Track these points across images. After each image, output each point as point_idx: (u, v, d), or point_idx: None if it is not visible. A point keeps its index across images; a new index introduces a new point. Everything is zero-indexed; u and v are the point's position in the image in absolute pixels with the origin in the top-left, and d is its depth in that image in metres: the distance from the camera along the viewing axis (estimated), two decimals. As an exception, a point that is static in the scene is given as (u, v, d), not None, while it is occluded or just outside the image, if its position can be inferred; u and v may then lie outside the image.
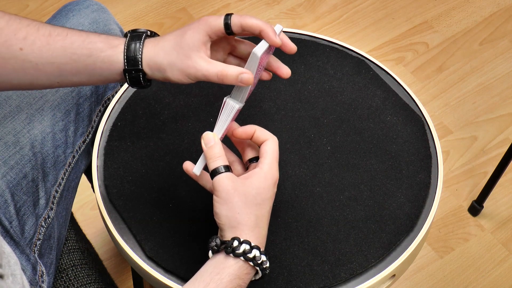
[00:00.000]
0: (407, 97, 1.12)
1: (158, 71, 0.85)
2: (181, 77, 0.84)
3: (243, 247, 0.79)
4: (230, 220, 0.80)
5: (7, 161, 0.95)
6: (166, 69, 0.84)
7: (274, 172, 0.83)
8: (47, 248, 0.99)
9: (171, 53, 0.84)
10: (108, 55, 0.85)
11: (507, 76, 1.92)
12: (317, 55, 1.16)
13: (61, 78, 0.87)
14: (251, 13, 2.05)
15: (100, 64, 0.86)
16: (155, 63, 0.85)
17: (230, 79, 0.83)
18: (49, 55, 0.85)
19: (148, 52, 0.85)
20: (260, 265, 0.80)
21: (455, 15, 2.05)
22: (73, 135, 1.04)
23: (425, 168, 1.03)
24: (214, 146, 0.83)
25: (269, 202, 0.82)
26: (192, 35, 0.83)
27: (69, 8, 1.08)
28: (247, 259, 0.79)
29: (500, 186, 1.69)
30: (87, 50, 0.85)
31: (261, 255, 0.80)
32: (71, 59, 0.86)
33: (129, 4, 2.06)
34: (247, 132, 0.85)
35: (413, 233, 0.98)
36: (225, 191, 0.80)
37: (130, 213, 0.98)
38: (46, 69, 0.86)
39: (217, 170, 0.81)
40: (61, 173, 1.02)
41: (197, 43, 0.83)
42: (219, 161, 0.82)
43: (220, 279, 0.79)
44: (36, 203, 0.98)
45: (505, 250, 1.62)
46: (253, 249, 0.79)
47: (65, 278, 1.03)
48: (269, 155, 0.83)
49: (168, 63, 0.84)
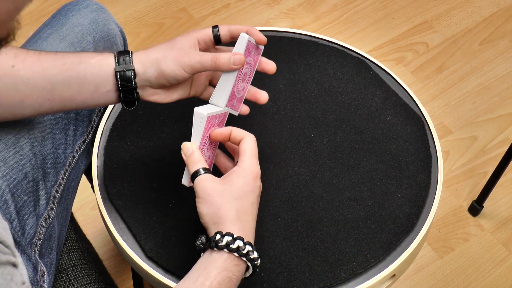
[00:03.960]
0: (407, 97, 1.12)
1: (152, 65, 0.88)
2: (175, 68, 0.87)
3: (225, 239, 0.80)
4: (211, 217, 0.82)
5: (7, 161, 0.95)
6: (161, 61, 0.87)
7: (253, 168, 0.84)
8: (48, 248, 0.99)
9: (164, 49, 0.88)
10: (98, 60, 0.88)
11: (507, 76, 1.92)
12: (317, 55, 1.16)
13: (52, 93, 0.88)
14: (251, 13, 2.05)
15: (90, 69, 0.88)
16: (148, 59, 0.88)
17: (223, 61, 0.86)
18: (40, 68, 0.87)
19: (138, 54, 0.89)
20: (247, 255, 0.81)
21: (455, 15, 2.05)
22: (73, 135, 1.04)
23: (425, 168, 1.03)
24: (193, 153, 0.86)
25: (250, 195, 0.83)
26: (183, 37, 0.89)
27: (68, 8, 1.08)
28: (231, 250, 0.80)
29: (500, 186, 1.69)
30: (78, 58, 0.88)
31: (246, 245, 0.80)
32: (62, 68, 0.88)
33: (129, 4, 2.06)
34: (222, 134, 0.88)
35: (413, 233, 0.98)
36: (204, 190, 0.82)
37: (130, 213, 0.98)
38: (37, 84, 0.87)
39: (196, 173, 0.84)
40: (61, 173, 1.02)
41: (188, 42, 0.88)
42: (198, 165, 0.85)
43: (207, 273, 0.79)
44: (37, 203, 0.98)
45: (505, 250, 1.62)
46: (236, 240, 0.80)
47: (65, 278, 1.03)
48: (246, 152, 0.85)
49: (162, 55, 0.87)
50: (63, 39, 1.04)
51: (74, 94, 0.89)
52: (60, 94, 0.89)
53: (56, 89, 0.88)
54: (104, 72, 0.88)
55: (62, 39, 1.04)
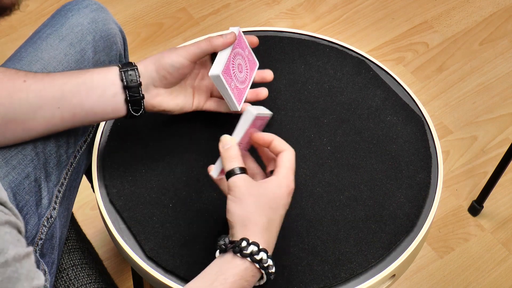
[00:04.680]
0: (407, 97, 1.12)
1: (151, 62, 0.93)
2: (174, 57, 0.93)
3: (251, 248, 0.79)
4: (242, 218, 0.81)
5: (9, 161, 0.95)
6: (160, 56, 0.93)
7: (289, 182, 0.84)
8: (49, 247, 0.99)
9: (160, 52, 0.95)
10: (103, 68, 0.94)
11: (507, 76, 1.92)
12: (317, 55, 1.16)
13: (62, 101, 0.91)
14: (251, 13, 2.05)
15: (96, 75, 0.93)
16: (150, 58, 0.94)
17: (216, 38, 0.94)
18: (50, 79, 0.92)
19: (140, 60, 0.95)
20: (266, 269, 0.81)
21: (455, 15, 2.05)
22: (74, 134, 1.04)
23: (425, 168, 1.03)
24: (231, 148, 0.85)
25: (282, 209, 0.83)
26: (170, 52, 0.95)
27: (68, 8, 1.08)
28: (254, 260, 0.79)
29: (500, 186, 1.69)
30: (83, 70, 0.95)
31: (268, 259, 0.80)
32: (69, 76, 0.92)
33: (129, 4, 2.06)
34: (264, 138, 0.87)
35: (413, 233, 0.98)
36: (240, 191, 0.82)
37: (130, 213, 0.98)
38: (48, 93, 0.91)
39: (233, 171, 0.83)
40: (63, 173, 1.02)
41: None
42: (235, 163, 0.84)
43: (224, 278, 0.79)
44: (39, 203, 0.98)
45: (505, 250, 1.62)
46: (261, 252, 0.80)
47: (65, 278, 1.03)
48: (285, 165, 0.84)
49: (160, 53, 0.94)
50: (62, 39, 1.04)
51: (83, 100, 0.92)
52: (69, 101, 0.92)
53: (65, 96, 0.91)
54: (109, 76, 0.93)
55: (62, 39, 1.04)
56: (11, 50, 1.08)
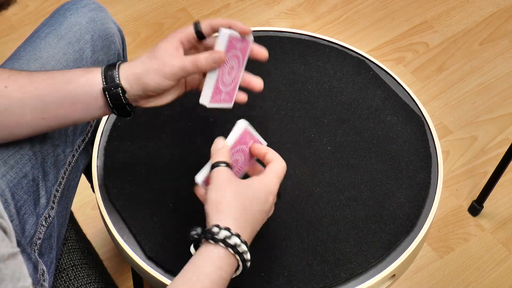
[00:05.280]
0: (407, 97, 1.12)
1: (136, 81, 0.87)
2: (158, 79, 0.86)
3: (223, 233, 0.78)
4: (216, 204, 0.81)
5: (7, 160, 0.95)
6: (143, 75, 0.87)
7: (272, 186, 0.84)
8: (47, 247, 0.99)
9: (145, 61, 0.87)
10: (86, 79, 0.88)
11: (507, 76, 1.92)
12: (317, 55, 1.16)
13: (46, 112, 0.89)
14: (251, 13, 2.05)
15: (80, 89, 0.88)
16: (133, 73, 0.87)
17: (203, 62, 0.86)
18: (32, 89, 0.88)
19: (124, 67, 0.88)
20: (241, 255, 0.80)
21: (455, 15, 2.05)
22: (72, 134, 1.04)
23: (425, 168, 1.03)
24: (223, 148, 0.85)
25: (260, 203, 0.83)
26: (164, 44, 0.87)
27: (66, 7, 1.08)
28: (227, 245, 0.78)
29: (500, 186, 1.69)
30: (66, 77, 0.89)
31: (242, 244, 0.79)
32: (52, 88, 0.88)
33: (129, 4, 2.06)
34: (260, 150, 0.88)
35: (413, 233, 0.98)
36: (219, 180, 0.82)
37: (130, 213, 0.98)
38: (30, 104, 0.88)
39: (217, 164, 0.83)
40: (61, 172, 1.02)
41: (169, 48, 0.87)
42: (222, 158, 0.84)
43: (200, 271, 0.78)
44: (37, 202, 0.98)
45: (505, 250, 1.62)
46: (233, 236, 0.79)
47: (65, 278, 1.03)
48: (272, 170, 0.85)
49: (143, 69, 0.87)
50: (61, 38, 1.04)
51: (68, 113, 0.89)
52: (54, 113, 0.89)
53: (49, 109, 0.89)
54: (93, 91, 0.88)
55: (60, 38, 1.04)
56: (11, 50, 1.08)
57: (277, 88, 1.12)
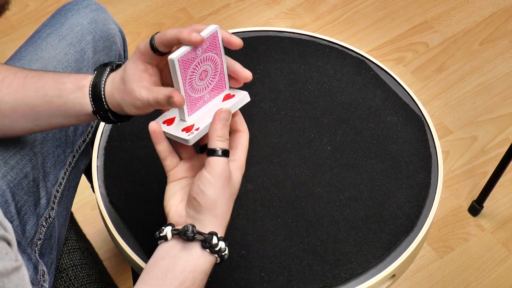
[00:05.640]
0: (407, 97, 1.12)
1: (120, 109, 0.83)
2: (135, 111, 0.82)
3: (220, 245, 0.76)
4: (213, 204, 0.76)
5: (8, 161, 0.95)
6: (122, 106, 0.82)
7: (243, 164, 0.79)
8: (48, 247, 0.99)
9: (120, 89, 0.82)
10: (77, 97, 0.85)
11: (507, 76, 1.92)
12: (317, 55, 1.16)
13: (39, 121, 0.87)
14: (251, 13, 2.05)
15: (71, 106, 0.85)
16: (116, 102, 0.83)
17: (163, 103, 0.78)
18: (24, 97, 0.86)
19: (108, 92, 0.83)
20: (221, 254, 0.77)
21: (455, 15, 2.05)
22: (72, 134, 1.04)
23: (425, 168, 1.03)
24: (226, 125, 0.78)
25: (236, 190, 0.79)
26: (131, 66, 0.81)
27: (68, 8, 1.08)
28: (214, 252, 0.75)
29: (500, 186, 1.69)
30: (58, 91, 0.85)
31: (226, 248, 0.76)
32: (44, 100, 0.86)
33: (129, 4, 2.06)
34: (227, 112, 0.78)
35: (413, 233, 0.98)
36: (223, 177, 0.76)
37: (130, 213, 0.98)
38: (22, 111, 0.87)
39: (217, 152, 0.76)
40: (61, 173, 1.02)
41: (137, 73, 0.80)
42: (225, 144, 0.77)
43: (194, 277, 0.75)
44: (37, 203, 0.98)
45: (505, 250, 1.62)
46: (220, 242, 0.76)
47: (65, 278, 1.03)
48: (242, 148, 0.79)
49: (121, 100, 0.82)
50: (62, 38, 1.04)
51: (61, 121, 0.88)
52: (47, 122, 0.88)
53: (41, 118, 0.87)
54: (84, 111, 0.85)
55: (62, 39, 1.04)
56: (11, 50, 1.08)
57: (277, 88, 1.12)
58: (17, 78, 0.87)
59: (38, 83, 0.87)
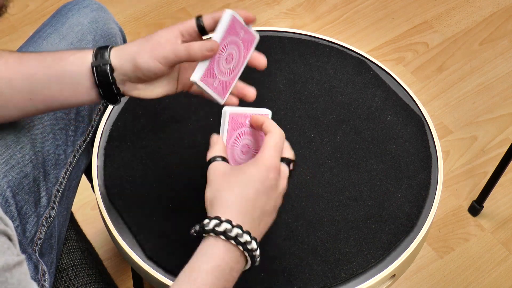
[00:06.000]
0: (407, 97, 1.12)
1: (127, 60, 0.85)
2: (149, 61, 0.84)
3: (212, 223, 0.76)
4: (211, 199, 0.79)
5: (8, 161, 0.95)
6: (135, 55, 0.84)
7: (268, 160, 0.79)
8: (48, 247, 0.99)
9: (140, 42, 0.86)
10: (77, 57, 0.87)
11: (507, 76, 1.92)
12: (317, 55, 1.16)
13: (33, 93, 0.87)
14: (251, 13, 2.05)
15: (69, 67, 0.86)
16: (125, 52, 0.85)
17: (196, 48, 0.83)
18: (21, 68, 0.87)
19: (118, 47, 0.87)
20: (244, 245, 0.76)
21: (455, 15, 2.05)
22: (73, 134, 1.04)
23: (425, 168, 1.03)
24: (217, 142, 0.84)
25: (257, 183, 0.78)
26: (163, 30, 0.85)
27: (68, 7, 1.08)
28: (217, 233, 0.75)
29: (500, 186, 1.69)
30: (58, 55, 0.88)
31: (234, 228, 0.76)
32: (42, 67, 0.87)
33: (129, 4, 2.06)
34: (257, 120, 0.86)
35: (413, 233, 0.98)
36: (213, 174, 0.80)
37: (130, 213, 0.98)
38: (18, 84, 0.87)
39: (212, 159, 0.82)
40: (62, 173, 1.02)
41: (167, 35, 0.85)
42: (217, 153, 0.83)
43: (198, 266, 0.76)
44: (38, 203, 0.98)
45: (505, 250, 1.62)
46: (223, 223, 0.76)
47: (65, 278, 1.03)
48: (266, 145, 0.81)
49: (137, 49, 0.85)
50: (63, 38, 1.04)
51: (55, 93, 0.87)
52: (41, 93, 0.87)
53: (36, 89, 0.87)
54: (82, 69, 0.86)
55: (62, 39, 1.04)
56: (11, 50, 1.08)
57: (277, 88, 1.12)
58: (13, 55, 0.88)
59: (37, 55, 0.89)
